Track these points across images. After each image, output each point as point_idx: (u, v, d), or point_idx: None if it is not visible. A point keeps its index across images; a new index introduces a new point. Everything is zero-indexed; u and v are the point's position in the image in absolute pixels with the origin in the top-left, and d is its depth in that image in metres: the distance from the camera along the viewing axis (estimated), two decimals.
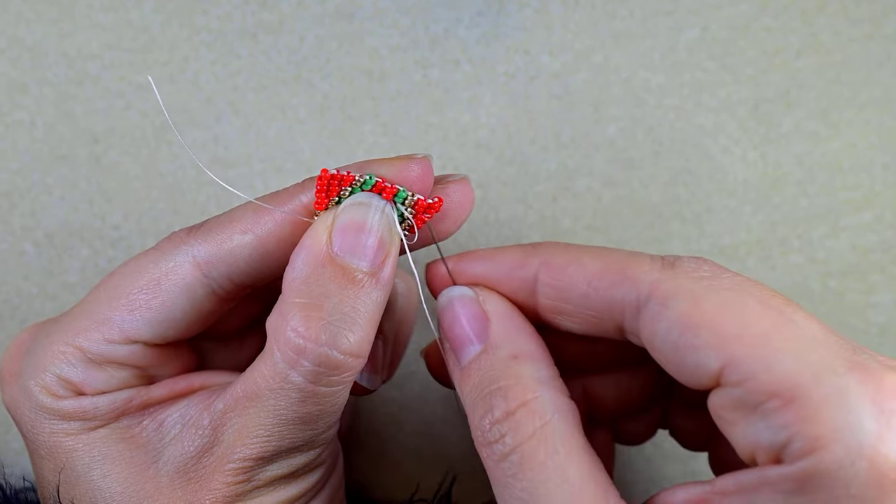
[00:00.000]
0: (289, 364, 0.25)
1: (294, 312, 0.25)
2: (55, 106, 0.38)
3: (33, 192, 0.38)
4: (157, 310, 0.27)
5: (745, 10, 0.39)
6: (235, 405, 0.26)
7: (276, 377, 0.25)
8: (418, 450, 0.39)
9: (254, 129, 0.38)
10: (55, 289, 0.38)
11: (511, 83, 0.39)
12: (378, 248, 0.26)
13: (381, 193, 0.27)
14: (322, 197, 0.27)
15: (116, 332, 0.27)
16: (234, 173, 0.38)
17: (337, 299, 0.25)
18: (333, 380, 0.25)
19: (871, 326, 0.38)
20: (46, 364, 0.27)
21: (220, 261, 0.27)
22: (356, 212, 0.26)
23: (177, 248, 0.27)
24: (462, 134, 0.39)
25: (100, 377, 0.27)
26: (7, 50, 0.38)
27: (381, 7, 0.39)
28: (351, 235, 0.26)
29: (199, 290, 0.27)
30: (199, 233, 0.27)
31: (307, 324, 0.25)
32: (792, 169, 0.39)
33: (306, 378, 0.25)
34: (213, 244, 0.27)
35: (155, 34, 0.38)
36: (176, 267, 0.27)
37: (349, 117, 0.38)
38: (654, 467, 0.39)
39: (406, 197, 0.27)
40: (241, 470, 0.26)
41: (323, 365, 0.25)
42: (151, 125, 0.38)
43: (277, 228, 0.27)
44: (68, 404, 0.27)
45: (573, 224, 0.38)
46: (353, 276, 0.25)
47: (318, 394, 0.25)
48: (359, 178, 0.27)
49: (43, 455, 0.27)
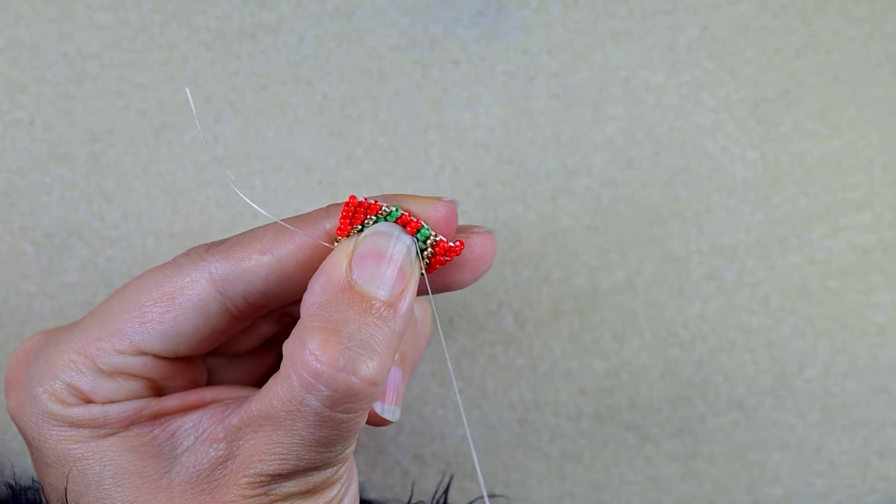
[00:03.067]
0: (305, 388, 0.24)
1: (313, 336, 0.24)
2: (54, 105, 0.38)
3: (32, 192, 0.38)
4: (169, 324, 0.27)
5: (744, 10, 0.39)
6: (251, 421, 0.26)
7: (293, 400, 0.25)
8: (418, 450, 0.39)
9: (253, 129, 0.38)
10: (54, 288, 0.38)
11: (510, 83, 0.39)
12: (398, 278, 0.26)
13: (405, 227, 0.27)
14: (346, 224, 0.27)
15: (127, 344, 0.27)
16: (233, 173, 0.38)
17: (356, 326, 0.25)
18: (351, 406, 0.25)
19: (870, 326, 0.38)
20: (56, 371, 0.27)
21: (237, 279, 0.27)
22: (378, 241, 0.26)
23: (194, 263, 0.27)
24: (461, 133, 0.38)
25: (109, 387, 0.27)
26: (6, 49, 0.38)
27: (380, 6, 0.39)
28: (371, 264, 0.26)
29: (213, 308, 0.27)
30: (217, 250, 0.27)
31: (325, 348, 0.24)
32: (791, 168, 0.39)
33: (323, 403, 0.25)
34: (231, 262, 0.27)
35: (154, 34, 0.38)
36: (191, 282, 0.27)
37: (348, 117, 0.38)
38: (654, 467, 0.39)
39: (429, 236, 0.27)
40: (257, 483, 0.26)
41: (340, 391, 0.24)
42: (151, 125, 0.38)
43: (297, 251, 0.27)
44: (77, 412, 0.26)
45: (572, 224, 0.38)
46: (372, 305, 0.25)
47: (335, 419, 0.25)
48: (386, 209, 0.27)
49: (49, 463, 0.27)
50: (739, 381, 0.38)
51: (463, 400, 0.39)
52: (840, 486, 0.38)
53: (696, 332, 0.38)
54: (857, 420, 0.38)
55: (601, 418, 0.39)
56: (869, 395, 0.38)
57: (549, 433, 0.39)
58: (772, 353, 0.38)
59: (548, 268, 0.39)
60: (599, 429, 0.39)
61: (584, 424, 0.39)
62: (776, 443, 0.38)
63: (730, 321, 0.38)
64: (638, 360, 0.38)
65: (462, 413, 0.30)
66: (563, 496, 0.39)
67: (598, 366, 0.39)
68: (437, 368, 0.39)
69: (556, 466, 0.39)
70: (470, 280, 0.28)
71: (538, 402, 0.39)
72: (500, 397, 0.39)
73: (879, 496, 0.38)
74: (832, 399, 0.38)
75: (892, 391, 0.38)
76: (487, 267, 0.28)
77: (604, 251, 0.39)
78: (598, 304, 0.39)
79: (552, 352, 0.39)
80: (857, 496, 0.38)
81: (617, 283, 0.38)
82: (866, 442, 0.38)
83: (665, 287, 0.38)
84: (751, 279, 0.38)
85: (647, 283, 0.38)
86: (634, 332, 0.38)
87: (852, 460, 0.38)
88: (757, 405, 0.38)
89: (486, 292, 0.39)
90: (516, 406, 0.39)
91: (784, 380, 0.38)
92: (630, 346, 0.38)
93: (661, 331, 0.38)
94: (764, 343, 0.38)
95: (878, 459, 0.39)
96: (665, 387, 0.38)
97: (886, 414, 0.38)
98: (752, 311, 0.38)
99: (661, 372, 0.38)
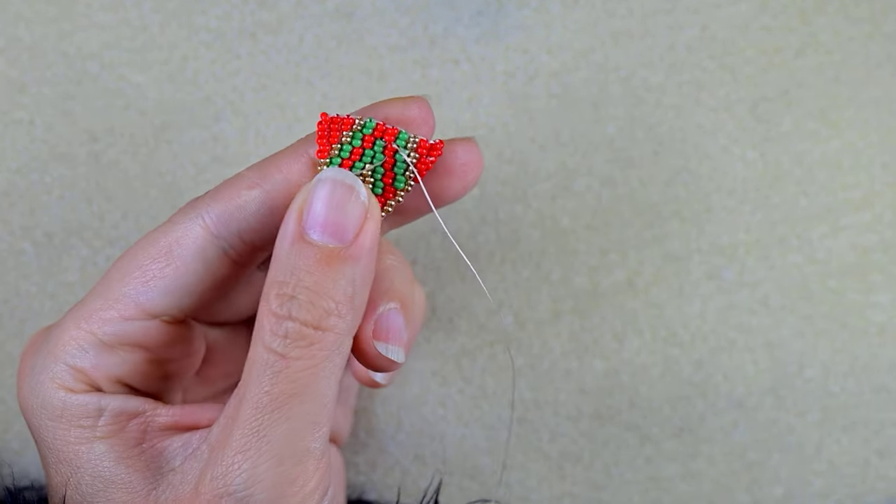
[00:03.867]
0: (263, 344, 0.25)
1: (269, 290, 0.25)
2: (54, 105, 0.38)
3: (32, 192, 0.38)
4: (171, 277, 0.27)
5: (744, 10, 0.39)
6: (225, 427, 0.25)
7: (258, 362, 0.25)
8: (418, 450, 0.39)
9: (253, 129, 0.38)
10: (54, 288, 0.38)
11: (510, 82, 0.39)
12: (351, 225, 0.26)
13: (383, 136, 0.26)
14: (324, 143, 0.27)
15: (132, 307, 0.27)
16: (233, 173, 0.38)
17: (309, 276, 0.25)
18: (301, 352, 0.25)
19: (870, 326, 0.38)
20: (58, 353, 0.27)
21: (230, 218, 0.27)
22: (327, 189, 0.26)
23: (186, 214, 0.27)
24: (461, 133, 0.38)
25: (111, 361, 0.27)
26: (6, 49, 0.38)
27: (380, 6, 0.39)
28: (320, 213, 0.25)
29: (211, 252, 0.27)
30: (207, 194, 0.27)
31: (280, 301, 0.25)
32: (791, 168, 0.39)
33: (276, 352, 0.25)
34: (221, 202, 0.27)
35: (154, 33, 0.38)
36: (186, 231, 0.27)
37: None
38: (654, 467, 0.39)
39: (408, 139, 0.27)
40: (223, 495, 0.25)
41: (288, 336, 0.25)
42: (151, 124, 0.38)
43: (285, 182, 0.27)
44: (76, 400, 0.26)
45: (572, 223, 0.38)
46: (324, 253, 0.25)
47: (288, 370, 0.25)
48: (359, 122, 0.26)
49: (50, 462, 0.27)
50: (739, 381, 0.38)
51: (464, 399, 0.39)
52: (840, 486, 0.38)
53: (696, 332, 0.38)
54: (857, 420, 0.38)
55: (601, 418, 0.39)
56: (869, 395, 0.38)
57: (548, 433, 0.39)
58: (772, 353, 0.38)
59: (548, 268, 0.39)
60: (599, 429, 0.39)
61: (584, 424, 0.39)
62: (776, 443, 0.38)
63: (730, 321, 0.38)
64: (638, 360, 0.38)
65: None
66: (563, 496, 0.39)
67: (598, 366, 0.39)
68: (438, 368, 0.39)
69: (556, 466, 0.39)
70: (461, 190, 0.28)
71: (538, 401, 0.39)
72: (500, 397, 0.39)
73: (879, 496, 0.38)
74: (832, 399, 0.38)
75: (892, 391, 0.38)
76: (476, 174, 0.28)
77: (604, 251, 0.39)
78: (598, 304, 0.39)
79: (552, 352, 0.39)
80: (857, 496, 0.38)
81: (617, 283, 0.38)
82: (866, 442, 0.38)
83: (665, 287, 0.38)
84: (751, 279, 0.38)
85: (647, 283, 0.38)
86: (634, 331, 0.38)
87: (852, 460, 0.38)
88: (757, 405, 0.38)
89: (487, 292, 0.39)
90: (516, 406, 0.39)
91: (784, 380, 0.38)
92: (630, 345, 0.38)
93: (661, 331, 0.38)
94: (764, 343, 0.38)
95: (878, 459, 0.38)
96: (665, 387, 0.38)
97: (886, 414, 0.38)
98: (752, 311, 0.38)
99: (661, 372, 0.38)
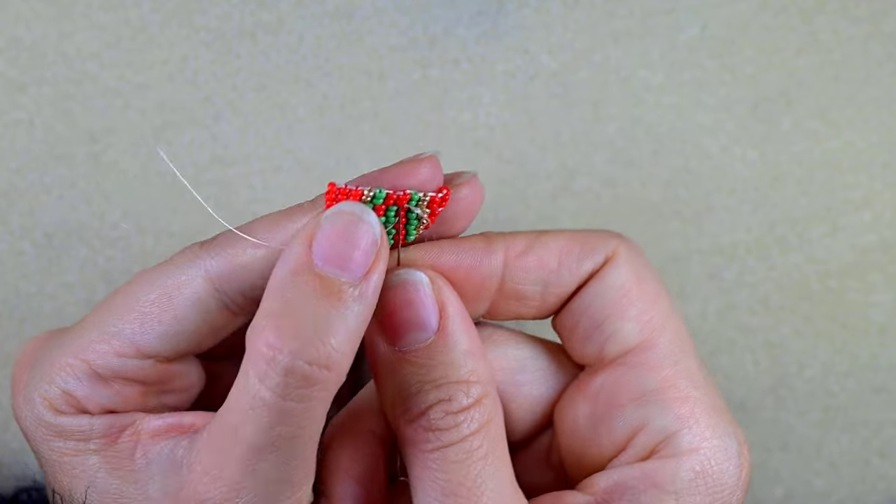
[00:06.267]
0: (259, 378, 0.23)
1: (266, 322, 0.24)
2: (54, 105, 0.38)
3: (32, 192, 0.38)
4: (168, 323, 0.27)
5: (744, 9, 0.39)
6: (209, 438, 0.25)
7: (247, 395, 0.24)
8: None
9: (253, 129, 0.38)
10: (54, 288, 0.38)
11: (510, 82, 0.39)
12: (362, 259, 0.25)
13: (395, 203, 0.26)
14: None
15: (127, 346, 0.26)
16: (232, 172, 0.38)
17: (313, 309, 0.24)
18: (304, 393, 0.24)
19: (870, 326, 0.38)
20: (52, 376, 0.26)
21: (232, 275, 0.27)
22: (339, 220, 0.25)
23: (189, 261, 0.27)
24: (461, 133, 0.38)
25: (104, 393, 0.27)
26: (6, 49, 0.38)
27: (380, 6, 0.39)
28: (333, 245, 0.24)
29: (211, 305, 0.27)
30: (211, 246, 0.27)
31: (278, 333, 0.23)
32: (791, 168, 0.39)
33: (275, 392, 0.23)
34: (225, 259, 0.27)
35: (154, 34, 0.38)
36: (188, 280, 0.27)
37: (348, 117, 0.38)
38: None
39: (419, 199, 0.26)
40: None
41: (290, 375, 0.23)
42: (150, 125, 0.38)
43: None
44: (66, 421, 0.26)
45: (572, 223, 0.38)
46: (332, 287, 0.24)
47: (286, 411, 0.24)
48: (367, 194, 0.26)
49: (46, 471, 0.27)
50: (739, 381, 0.38)
51: None
52: (840, 486, 0.38)
53: (696, 332, 0.38)
54: (857, 420, 0.38)
55: None
56: (869, 395, 0.38)
57: None
58: (772, 353, 0.38)
59: None
60: None
61: None
62: (776, 443, 0.38)
63: (730, 321, 0.38)
64: None
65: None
66: None
67: None
68: None
69: None
70: (463, 227, 0.28)
71: None
72: None
73: (879, 496, 0.38)
74: (832, 399, 0.38)
75: (892, 391, 0.38)
76: (478, 207, 0.28)
77: None
78: None
79: None
80: (857, 496, 0.38)
81: None
82: (866, 442, 0.38)
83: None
84: (751, 279, 0.38)
85: None
86: None
87: (852, 460, 0.38)
88: (757, 405, 0.38)
89: None
90: None
91: (784, 380, 0.38)
92: None
93: None
94: (764, 343, 0.38)
95: (879, 459, 0.38)
96: None
97: (886, 414, 0.38)
98: (752, 311, 0.38)
99: None
